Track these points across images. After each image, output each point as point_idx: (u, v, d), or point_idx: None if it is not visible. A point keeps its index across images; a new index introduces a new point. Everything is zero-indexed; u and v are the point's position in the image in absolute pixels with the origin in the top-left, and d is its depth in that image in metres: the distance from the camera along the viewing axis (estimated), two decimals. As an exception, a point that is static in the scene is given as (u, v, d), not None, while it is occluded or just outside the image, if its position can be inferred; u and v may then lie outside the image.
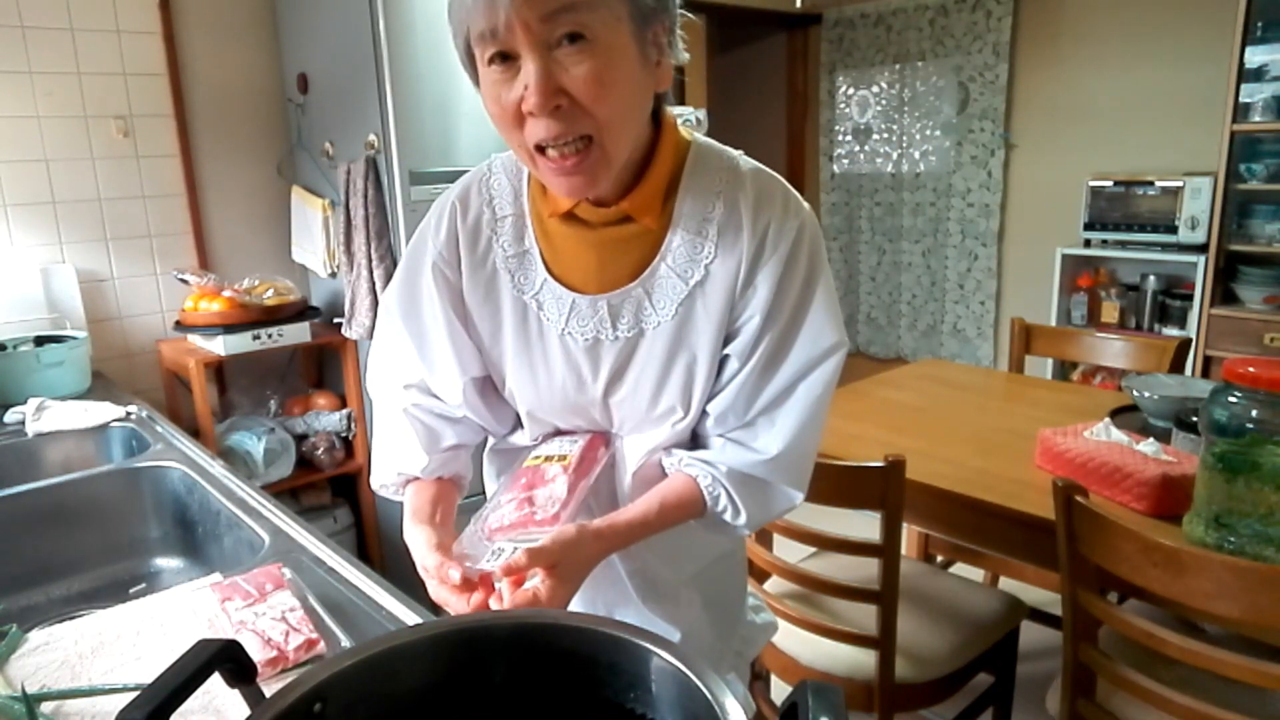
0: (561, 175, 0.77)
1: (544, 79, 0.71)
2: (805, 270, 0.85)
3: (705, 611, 1.03)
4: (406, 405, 0.94)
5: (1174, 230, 3.26)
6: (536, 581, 0.75)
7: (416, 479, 0.95)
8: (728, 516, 0.89)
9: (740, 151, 0.90)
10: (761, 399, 0.87)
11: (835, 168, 4.61)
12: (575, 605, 0.98)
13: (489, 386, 0.97)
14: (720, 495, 0.88)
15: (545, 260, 0.89)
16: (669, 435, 0.90)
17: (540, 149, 0.76)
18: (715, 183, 0.86)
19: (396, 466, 0.95)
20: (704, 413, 0.90)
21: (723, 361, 0.88)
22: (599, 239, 0.87)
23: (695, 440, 0.94)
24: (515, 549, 0.77)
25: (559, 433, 0.97)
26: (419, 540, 0.83)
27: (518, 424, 0.99)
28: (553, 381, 0.91)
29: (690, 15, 0.84)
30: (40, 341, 2.03)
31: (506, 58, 0.72)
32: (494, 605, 0.76)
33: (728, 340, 0.87)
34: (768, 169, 0.89)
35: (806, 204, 0.88)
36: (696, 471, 0.89)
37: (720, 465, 0.88)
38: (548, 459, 0.90)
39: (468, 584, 0.77)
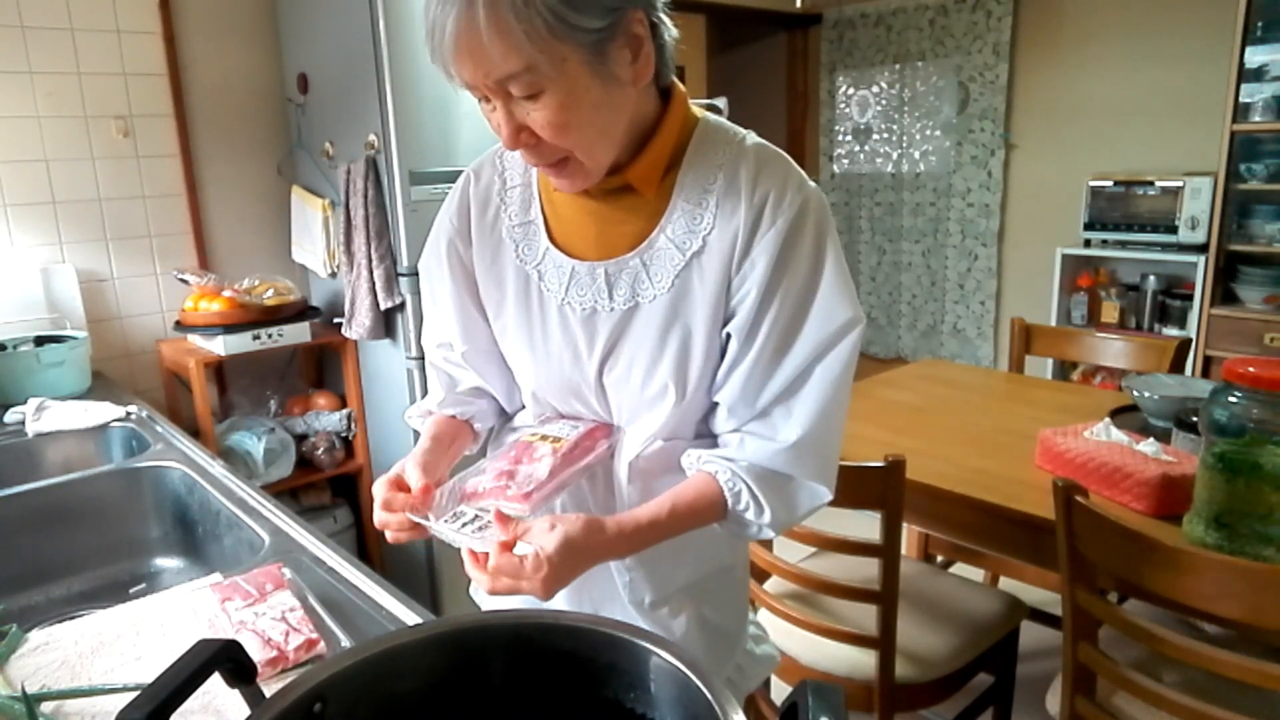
0: (551, 177, 0.85)
1: (508, 122, 0.77)
2: (811, 248, 0.84)
3: (699, 629, 0.99)
4: (437, 359, 1.03)
5: (1174, 230, 3.26)
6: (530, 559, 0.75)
7: (434, 414, 1.02)
8: (750, 515, 0.86)
9: (750, 131, 0.89)
10: (774, 385, 0.85)
11: (835, 168, 4.61)
12: (560, 598, 0.98)
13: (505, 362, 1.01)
14: (741, 491, 0.85)
15: (549, 229, 0.92)
16: (665, 421, 0.89)
17: None
18: (718, 156, 0.86)
19: (423, 405, 1.05)
20: (715, 404, 0.90)
21: (726, 343, 0.87)
22: (599, 206, 0.89)
23: (714, 443, 0.92)
24: (475, 516, 0.81)
25: (564, 417, 0.97)
26: (398, 465, 0.88)
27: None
28: (550, 355, 0.92)
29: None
30: (40, 341, 2.03)
31: (487, 97, 0.78)
32: (471, 570, 0.77)
33: (728, 320, 0.86)
34: (774, 147, 0.88)
35: (813, 182, 0.86)
36: (715, 468, 0.87)
37: (739, 460, 0.86)
38: (543, 438, 0.91)
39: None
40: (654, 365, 0.87)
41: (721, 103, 0.95)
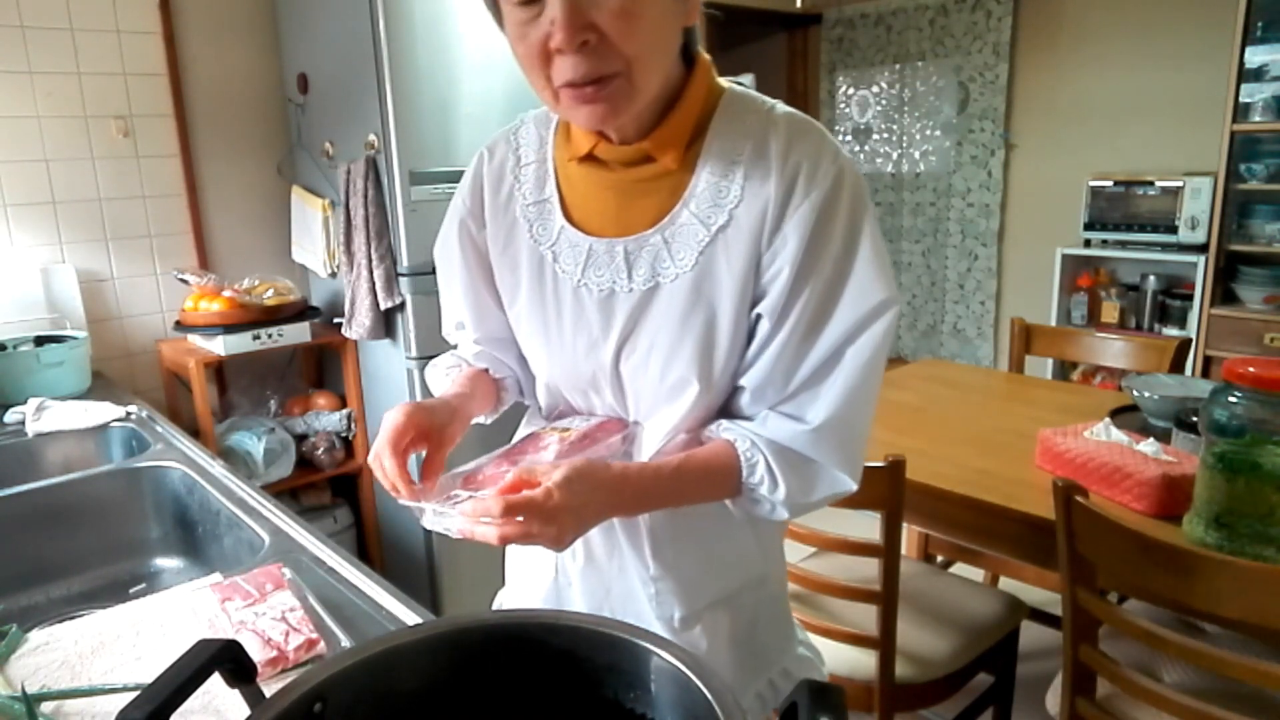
0: (583, 103, 0.74)
1: (571, 13, 0.68)
2: (846, 221, 0.78)
3: (730, 646, 0.93)
4: (459, 338, 1.01)
5: (1174, 230, 3.26)
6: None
7: (466, 367, 0.98)
8: (764, 490, 0.81)
9: (779, 100, 0.84)
10: (804, 368, 0.80)
11: (835, 168, 4.61)
12: (580, 608, 0.95)
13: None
14: (759, 463, 0.81)
15: (565, 206, 0.87)
16: (686, 414, 0.84)
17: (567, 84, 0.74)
18: (745, 125, 0.81)
19: (456, 354, 1.01)
20: (739, 388, 0.85)
21: (755, 325, 0.82)
22: (618, 180, 0.84)
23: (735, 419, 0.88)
24: (469, 496, 0.76)
25: (577, 414, 0.94)
26: (411, 406, 0.82)
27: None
28: (564, 342, 0.88)
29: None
30: (40, 341, 2.03)
31: None
32: (476, 527, 0.71)
33: (757, 301, 0.81)
34: (806, 116, 0.83)
35: (845, 153, 0.81)
36: (734, 436, 0.82)
37: (761, 434, 0.82)
38: (552, 429, 0.88)
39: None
40: (675, 351, 0.82)
41: (748, 79, 0.92)
